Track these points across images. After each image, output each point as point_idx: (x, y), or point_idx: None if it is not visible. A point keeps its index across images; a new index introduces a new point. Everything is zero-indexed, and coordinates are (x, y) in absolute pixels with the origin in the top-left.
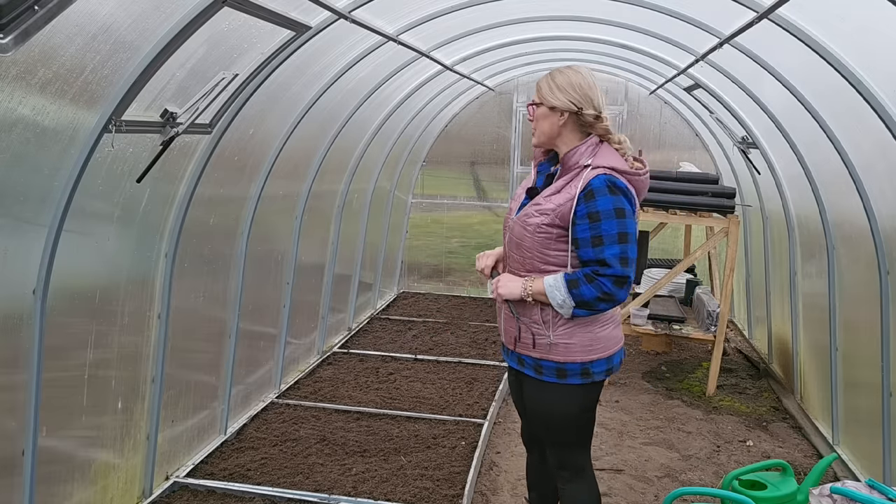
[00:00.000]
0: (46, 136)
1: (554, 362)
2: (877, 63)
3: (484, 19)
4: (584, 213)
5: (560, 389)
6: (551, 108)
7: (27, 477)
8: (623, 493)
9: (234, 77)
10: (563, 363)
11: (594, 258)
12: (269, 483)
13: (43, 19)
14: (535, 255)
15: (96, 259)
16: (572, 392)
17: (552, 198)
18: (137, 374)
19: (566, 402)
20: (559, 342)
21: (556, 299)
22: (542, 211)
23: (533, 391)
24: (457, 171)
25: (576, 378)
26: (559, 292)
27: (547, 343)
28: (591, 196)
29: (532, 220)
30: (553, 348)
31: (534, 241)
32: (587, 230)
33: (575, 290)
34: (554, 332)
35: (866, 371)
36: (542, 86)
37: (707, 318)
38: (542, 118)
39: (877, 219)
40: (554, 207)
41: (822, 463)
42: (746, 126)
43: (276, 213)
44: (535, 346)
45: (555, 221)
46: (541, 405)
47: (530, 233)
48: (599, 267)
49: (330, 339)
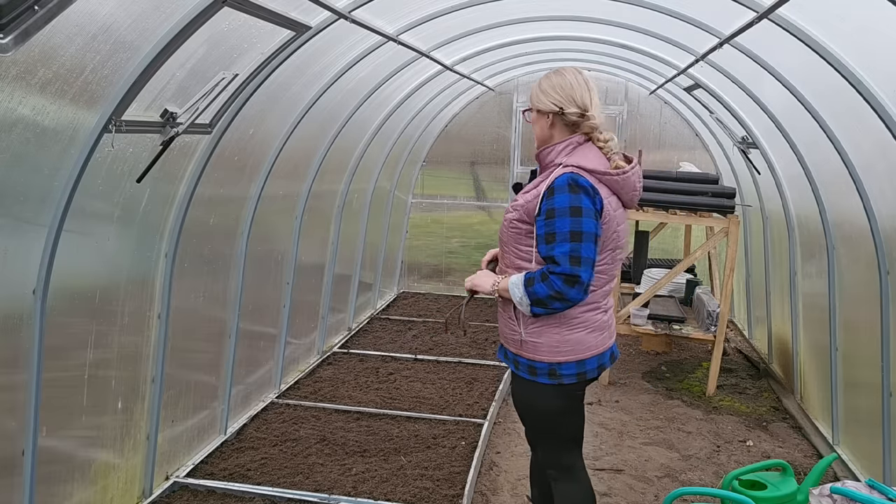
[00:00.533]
0: (46, 136)
1: (525, 359)
2: (877, 63)
3: (484, 19)
4: (543, 209)
5: (532, 387)
6: (539, 112)
7: (27, 477)
8: (623, 493)
9: (234, 77)
10: (533, 361)
11: (546, 255)
12: (269, 483)
13: (43, 19)
14: (510, 249)
15: (96, 259)
16: (544, 391)
17: (526, 195)
18: (137, 374)
19: (539, 400)
20: (529, 340)
21: (516, 296)
22: (514, 206)
23: (513, 385)
24: (457, 171)
25: (544, 377)
26: (517, 290)
27: (518, 339)
28: (552, 193)
29: (507, 216)
30: (524, 345)
31: (509, 237)
32: (543, 226)
33: (530, 287)
34: (525, 330)
35: (866, 371)
36: (533, 91)
37: (707, 318)
38: (535, 121)
39: (877, 219)
40: (523, 203)
41: (822, 463)
42: (746, 126)
43: (276, 213)
44: (512, 341)
45: (522, 217)
46: (518, 400)
47: (506, 228)
48: (550, 264)
49: (330, 339)
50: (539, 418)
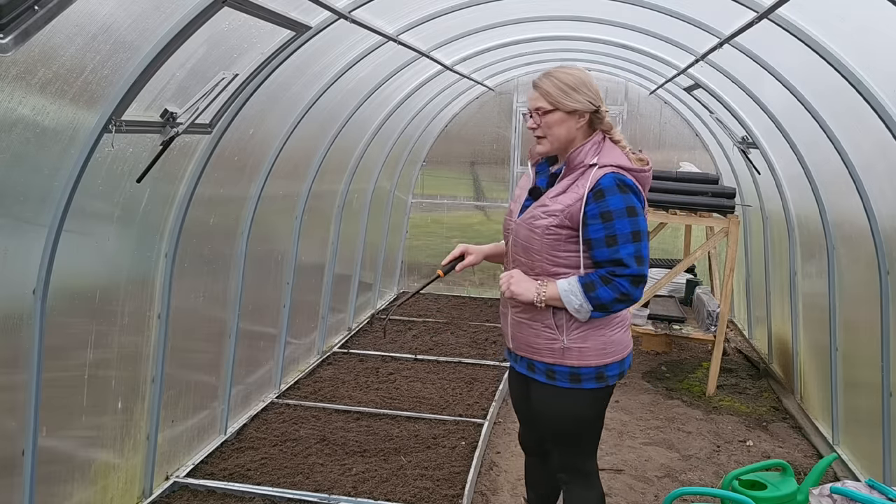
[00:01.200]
0: (46, 136)
1: (567, 367)
2: (877, 63)
3: (484, 19)
4: (595, 212)
5: (573, 394)
6: (570, 112)
7: (27, 477)
8: (623, 493)
9: (234, 77)
10: (578, 367)
11: (609, 258)
12: (269, 483)
13: (43, 19)
14: (544, 257)
15: (96, 259)
16: (586, 396)
17: (559, 198)
18: (137, 374)
19: (579, 407)
20: (573, 346)
21: (573, 304)
22: (549, 212)
23: (545, 397)
24: (457, 171)
25: (590, 382)
26: (575, 297)
27: (559, 348)
28: (602, 195)
29: (539, 222)
30: (566, 352)
31: (542, 244)
32: (601, 230)
33: (592, 293)
34: (567, 337)
35: (866, 371)
36: (551, 90)
37: (707, 318)
38: (556, 124)
39: (877, 219)
40: (562, 208)
41: (822, 463)
42: (746, 126)
43: (276, 213)
44: (547, 350)
45: (564, 222)
46: (553, 410)
47: (538, 235)
48: (615, 267)
49: (330, 339)
50: (575, 425)
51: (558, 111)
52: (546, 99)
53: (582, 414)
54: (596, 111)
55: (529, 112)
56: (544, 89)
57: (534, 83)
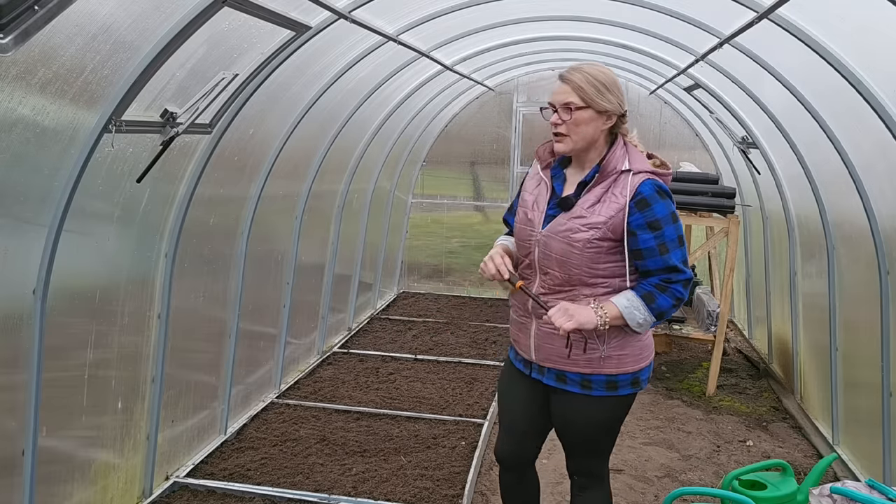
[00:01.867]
0: (46, 136)
1: (605, 375)
2: (877, 63)
3: (484, 19)
4: (641, 222)
5: (608, 402)
6: (600, 112)
7: (27, 477)
8: (623, 493)
9: (234, 77)
10: (616, 375)
11: (663, 266)
12: (269, 483)
13: (43, 19)
14: (583, 270)
15: (96, 259)
16: (620, 403)
17: (596, 208)
18: (137, 374)
19: (613, 413)
20: (612, 354)
21: (637, 319)
22: (590, 225)
23: (578, 406)
24: (457, 171)
25: (626, 388)
26: (639, 312)
27: (598, 357)
28: (646, 204)
29: (579, 236)
30: (606, 361)
31: (582, 258)
32: (651, 239)
33: (653, 304)
34: (607, 345)
35: (866, 371)
36: (585, 86)
37: (707, 318)
38: (585, 122)
39: (877, 219)
40: (605, 220)
41: (822, 463)
42: (746, 126)
43: (276, 213)
44: (584, 360)
45: (607, 235)
46: (585, 419)
47: (579, 249)
48: (670, 274)
49: (330, 339)
50: (604, 431)
51: (590, 109)
52: (578, 94)
53: (613, 420)
54: (623, 115)
55: (553, 106)
56: (577, 84)
57: (563, 76)
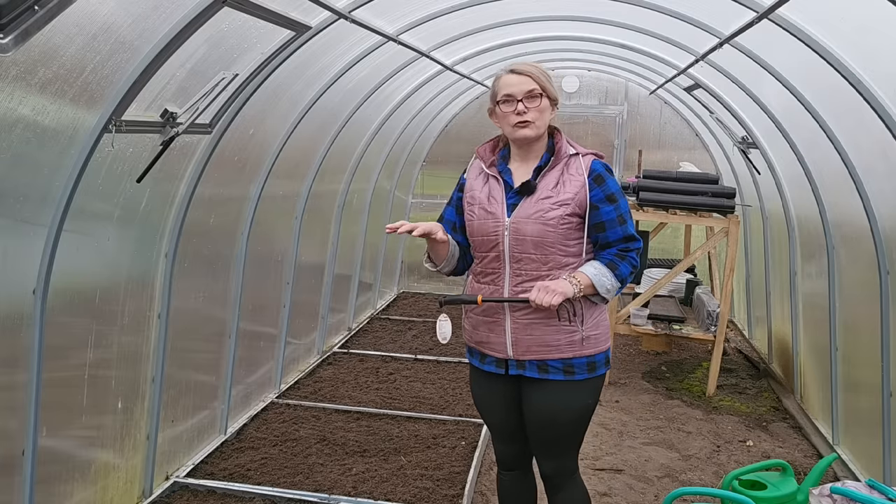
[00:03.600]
0: (46, 136)
1: (585, 357)
2: (877, 63)
3: (484, 19)
4: (601, 196)
5: (590, 384)
6: (551, 100)
7: (27, 477)
8: (623, 493)
9: (234, 77)
10: (594, 355)
11: (623, 236)
12: (269, 483)
13: (43, 19)
14: (557, 248)
15: (96, 259)
16: (597, 383)
17: (559, 189)
18: (137, 374)
19: (592, 396)
20: (590, 334)
21: (605, 285)
22: (560, 202)
23: (561, 395)
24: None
25: (602, 368)
26: (606, 278)
27: (578, 338)
28: (602, 180)
29: (553, 214)
30: (585, 342)
31: (557, 235)
32: (612, 212)
33: (616, 271)
34: (584, 326)
35: (866, 371)
36: (541, 76)
37: (707, 318)
38: (546, 110)
39: (877, 219)
40: (572, 196)
41: (822, 463)
42: (746, 126)
43: (276, 213)
44: (567, 345)
45: (575, 210)
46: (569, 407)
47: (553, 227)
48: (628, 243)
49: (330, 339)
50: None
51: (546, 98)
52: (537, 82)
53: (592, 403)
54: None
55: (513, 97)
56: (535, 74)
57: (516, 70)
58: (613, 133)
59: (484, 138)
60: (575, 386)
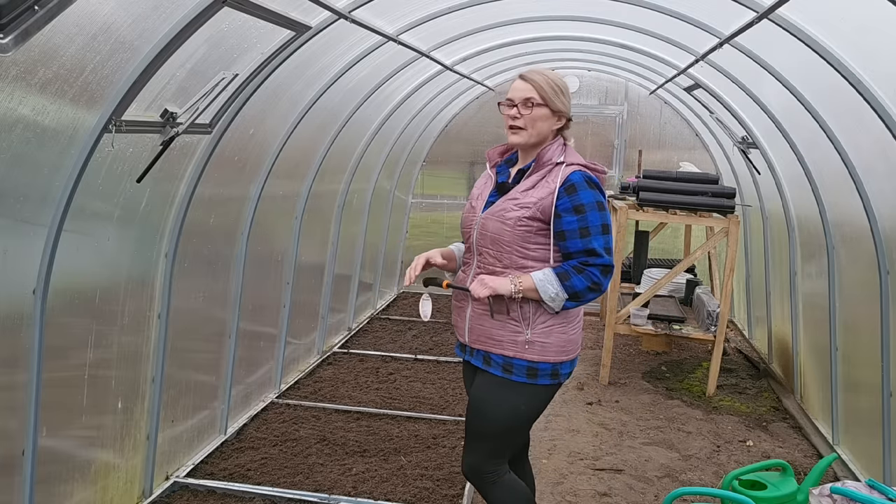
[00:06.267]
0: (46, 135)
1: (527, 361)
2: (877, 63)
3: (484, 19)
4: (568, 206)
5: (527, 390)
6: (554, 111)
7: (27, 477)
8: (623, 493)
9: (234, 77)
10: (537, 362)
11: (583, 248)
12: (269, 483)
13: (43, 19)
14: (514, 249)
15: (96, 259)
16: (537, 393)
17: (530, 192)
18: (137, 373)
19: (530, 404)
20: (537, 340)
21: (549, 292)
22: (521, 205)
23: (495, 390)
24: (457, 171)
25: (546, 378)
26: (551, 286)
27: (522, 340)
28: (573, 190)
29: (511, 214)
30: (529, 346)
31: (513, 235)
32: (574, 222)
33: (567, 282)
34: (532, 330)
35: (866, 371)
36: (545, 86)
37: (707, 318)
38: (542, 119)
39: (877, 219)
40: (535, 201)
41: (822, 463)
42: (746, 126)
43: (276, 213)
44: (510, 343)
45: (536, 215)
46: (500, 404)
47: (510, 227)
48: (588, 257)
49: (330, 339)
50: (512, 421)
51: (546, 107)
52: (539, 92)
53: (528, 410)
54: (569, 119)
55: (511, 102)
56: (538, 83)
57: (523, 76)
58: (613, 133)
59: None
60: (510, 385)
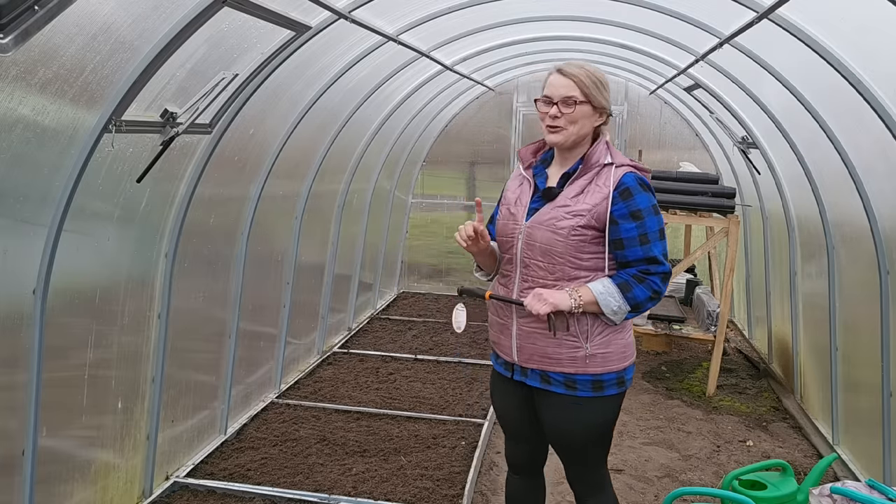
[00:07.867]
0: (46, 135)
1: (591, 375)
2: (877, 63)
3: (484, 19)
4: (624, 212)
5: (596, 403)
6: (596, 108)
7: (27, 477)
8: (623, 493)
9: (234, 77)
10: (601, 374)
11: (643, 256)
12: (269, 483)
13: (43, 19)
14: (567, 260)
15: (96, 259)
16: (607, 404)
17: (580, 198)
18: (137, 373)
19: (601, 416)
20: (597, 352)
21: (611, 305)
22: (574, 212)
23: (563, 409)
24: (457, 171)
25: (612, 388)
26: (613, 299)
27: (583, 355)
28: (629, 194)
29: (564, 223)
30: (591, 360)
31: (567, 246)
32: (633, 229)
33: (629, 293)
34: (591, 343)
35: (866, 371)
36: (586, 82)
37: (707, 318)
38: (584, 117)
39: (877, 219)
40: (589, 208)
41: (822, 463)
42: (746, 126)
43: (276, 213)
44: (569, 360)
45: (591, 223)
46: (573, 422)
47: (563, 237)
48: (649, 265)
49: (330, 339)
50: (594, 434)
51: (588, 104)
52: (581, 89)
53: (603, 422)
54: (610, 114)
55: (550, 99)
56: (580, 79)
57: (562, 70)
58: (613, 133)
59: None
60: (578, 402)
